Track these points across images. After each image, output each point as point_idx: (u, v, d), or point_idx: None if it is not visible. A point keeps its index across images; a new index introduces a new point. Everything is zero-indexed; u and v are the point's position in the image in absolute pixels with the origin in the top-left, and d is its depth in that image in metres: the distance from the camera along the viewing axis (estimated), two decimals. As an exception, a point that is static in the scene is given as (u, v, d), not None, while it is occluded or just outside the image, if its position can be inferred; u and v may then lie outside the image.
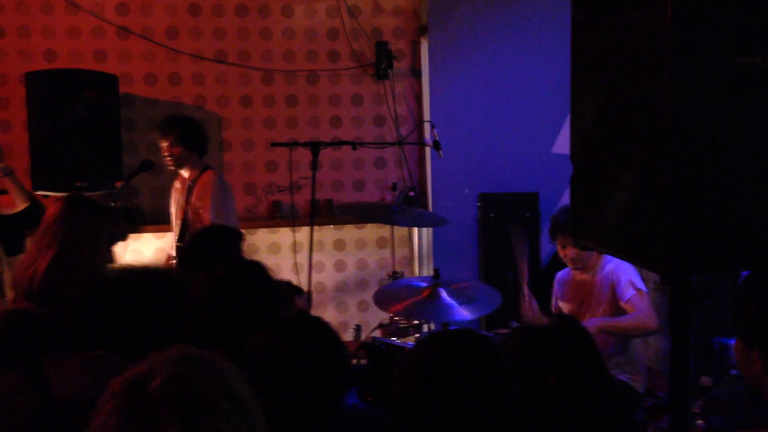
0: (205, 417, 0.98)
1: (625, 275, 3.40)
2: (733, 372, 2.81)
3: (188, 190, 4.08)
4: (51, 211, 2.45)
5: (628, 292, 3.36)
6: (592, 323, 3.30)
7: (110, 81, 4.47)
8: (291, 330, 1.72)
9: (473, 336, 1.57)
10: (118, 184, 4.25)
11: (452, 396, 1.42)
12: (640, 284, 3.40)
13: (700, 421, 2.08)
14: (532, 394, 1.55)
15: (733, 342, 2.84)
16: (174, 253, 4.13)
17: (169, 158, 4.09)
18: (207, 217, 3.97)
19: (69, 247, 2.36)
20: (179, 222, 4.12)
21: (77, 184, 4.24)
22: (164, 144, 4.09)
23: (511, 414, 1.46)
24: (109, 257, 2.52)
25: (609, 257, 3.46)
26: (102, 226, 2.45)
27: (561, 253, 3.57)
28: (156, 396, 0.98)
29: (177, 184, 4.24)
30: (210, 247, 2.85)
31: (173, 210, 4.25)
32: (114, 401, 0.99)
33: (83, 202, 2.51)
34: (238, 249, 2.89)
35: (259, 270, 2.09)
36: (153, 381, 0.99)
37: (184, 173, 4.15)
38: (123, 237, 2.63)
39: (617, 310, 3.43)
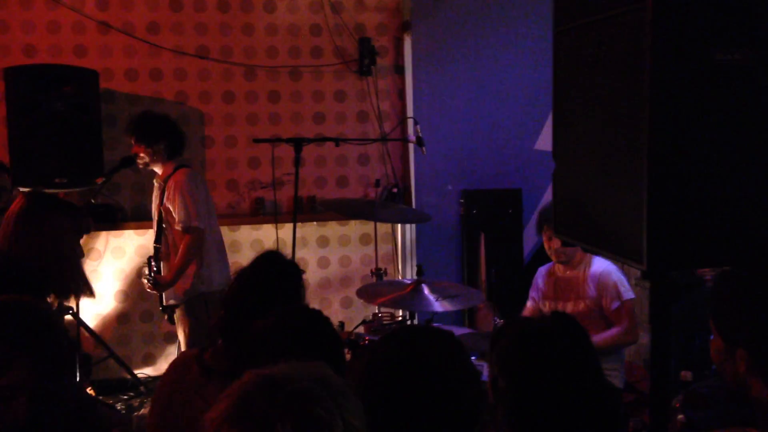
0: None
1: (611, 282, 3.43)
2: (714, 367, 2.83)
3: (162, 191, 4.00)
4: (11, 207, 2.43)
5: (614, 303, 3.41)
6: None
7: (90, 76, 4.44)
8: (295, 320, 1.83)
9: (431, 332, 1.57)
10: (99, 181, 4.21)
11: (406, 391, 1.44)
12: (626, 292, 3.43)
13: (680, 416, 2.10)
14: (524, 387, 1.55)
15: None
16: (153, 254, 4.07)
17: (138, 159, 4.02)
18: (177, 219, 3.89)
19: (27, 241, 2.34)
20: (156, 223, 4.07)
21: (57, 180, 4.21)
22: (132, 143, 4.03)
23: (472, 409, 1.47)
24: (75, 250, 2.51)
25: (598, 257, 3.48)
26: (62, 221, 2.43)
27: (546, 245, 3.60)
28: (280, 405, 1.00)
29: (155, 183, 4.19)
30: None
31: (153, 210, 4.21)
32: (240, 394, 1.02)
33: (42, 198, 2.50)
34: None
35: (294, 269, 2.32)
36: (283, 389, 1.02)
37: (158, 171, 4.06)
38: (86, 230, 2.60)
39: (599, 311, 3.46)
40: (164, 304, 4.03)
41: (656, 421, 1.76)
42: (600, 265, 3.51)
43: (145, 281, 3.95)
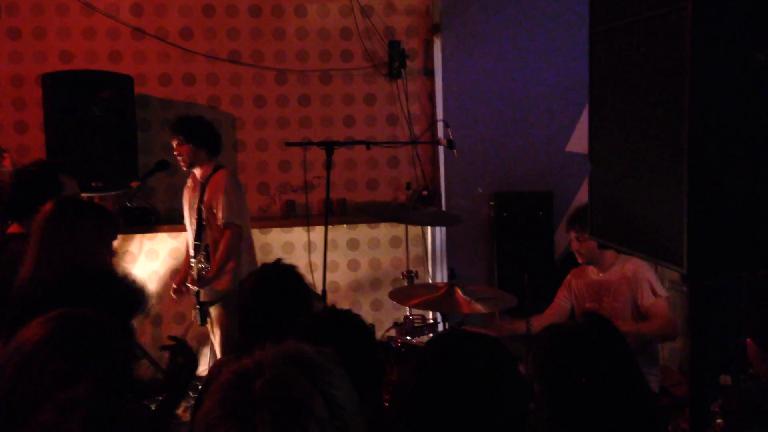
0: (298, 421, 1.01)
1: (645, 279, 3.40)
2: (752, 370, 2.80)
3: (201, 189, 4.10)
4: (39, 215, 2.45)
5: (649, 299, 3.37)
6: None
7: (125, 81, 4.51)
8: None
9: (479, 339, 1.57)
10: (134, 184, 4.28)
11: (452, 397, 1.44)
12: (661, 289, 3.40)
13: (719, 420, 2.07)
14: (562, 391, 1.55)
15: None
16: (192, 252, 4.15)
17: (179, 158, 4.13)
18: (220, 215, 4.00)
19: (54, 249, 2.36)
20: (194, 221, 4.16)
21: (93, 184, 4.28)
22: (174, 144, 4.13)
23: (514, 410, 1.46)
24: (105, 255, 2.53)
25: (627, 256, 3.46)
26: (83, 223, 2.44)
27: (573, 246, 3.59)
28: (257, 396, 1.01)
29: (189, 183, 4.27)
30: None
31: (186, 209, 4.28)
32: (220, 393, 1.04)
33: (64, 202, 2.52)
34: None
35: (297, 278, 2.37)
36: (257, 380, 1.03)
37: (196, 172, 4.17)
38: (113, 231, 2.62)
39: (635, 311, 3.43)
40: (201, 300, 4.09)
41: (695, 425, 1.74)
42: (632, 264, 3.48)
43: (195, 273, 4.00)
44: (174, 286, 4.28)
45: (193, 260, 4.09)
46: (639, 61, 1.71)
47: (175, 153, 4.12)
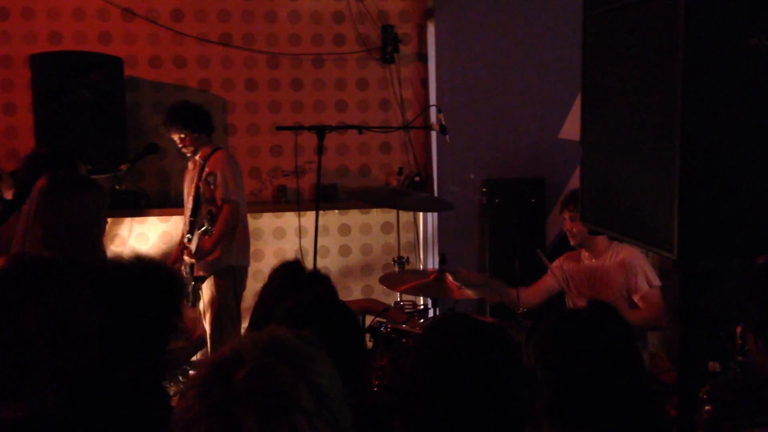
0: (285, 414, 0.95)
1: (640, 268, 3.40)
2: (740, 358, 2.81)
3: (201, 168, 4.15)
4: (34, 191, 2.42)
5: (642, 288, 3.37)
6: None
7: (115, 63, 4.47)
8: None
9: (480, 325, 1.56)
10: (123, 167, 4.25)
11: (457, 380, 1.42)
12: (655, 279, 3.40)
13: (707, 407, 2.08)
14: (563, 379, 1.54)
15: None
16: (188, 228, 4.16)
17: (184, 149, 4.19)
18: (219, 192, 4.03)
19: (49, 226, 2.35)
20: (191, 198, 4.20)
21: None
22: (175, 137, 4.16)
23: (520, 399, 1.45)
24: (101, 230, 2.53)
25: (621, 244, 3.46)
26: (90, 201, 2.43)
27: (566, 226, 3.58)
28: (239, 389, 0.96)
29: (190, 166, 4.32)
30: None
31: (185, 190, 4.29)
32: (199, 388, 0.98)
33: (66, 179, 2.50)
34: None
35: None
36: (238, 371, 0.97)
37: (197, 155, 4.24)
38: (106, 209, 2.59)
39: (626, 300, 3.44)
40: (194, 274, 4.11)
41: (683, 412, 1.74)
42: (627, 252, 3.48)
43: (192, 246, 3.99)
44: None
45: (189, 235, 4.09)
46: (632, 45, 1.69)
47: (180, 145, 4.16)
